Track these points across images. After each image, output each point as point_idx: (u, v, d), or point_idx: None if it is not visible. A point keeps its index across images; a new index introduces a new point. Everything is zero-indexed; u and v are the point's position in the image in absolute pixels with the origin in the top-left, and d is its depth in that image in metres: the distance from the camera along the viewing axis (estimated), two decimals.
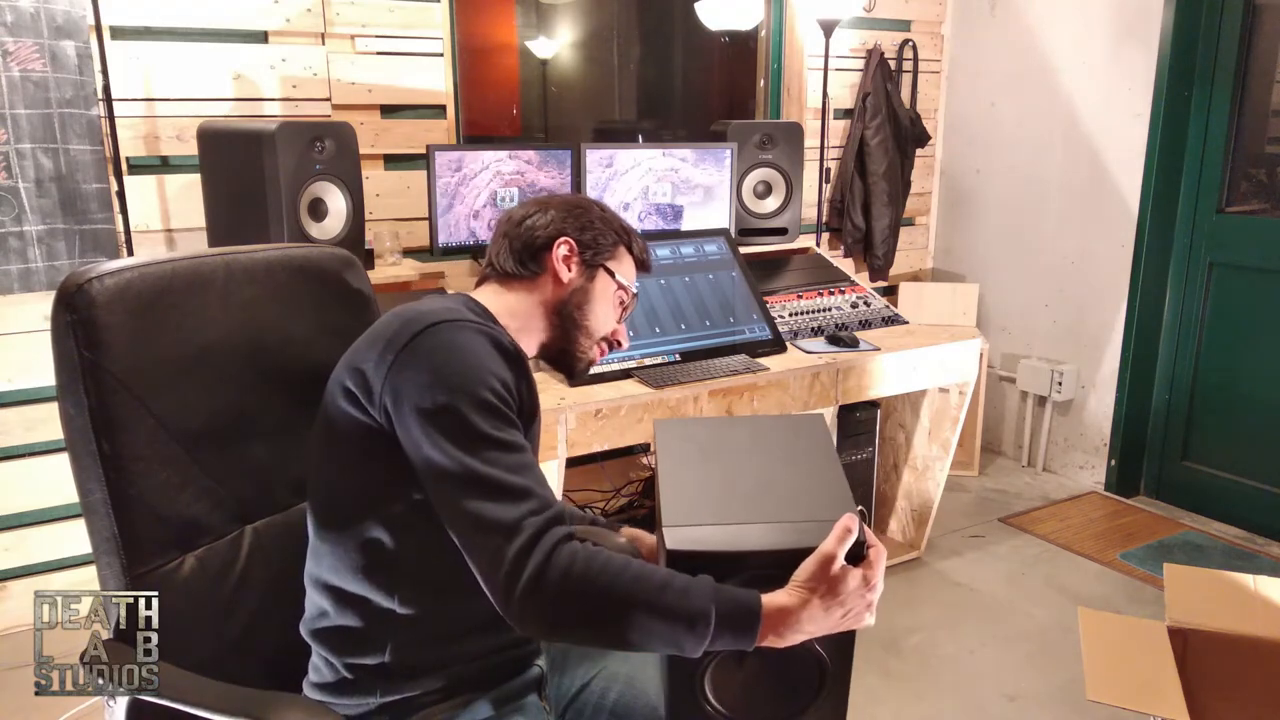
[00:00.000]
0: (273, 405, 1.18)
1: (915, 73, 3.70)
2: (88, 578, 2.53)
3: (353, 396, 1.05)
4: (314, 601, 1.13)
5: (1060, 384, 3.51)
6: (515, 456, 1.00)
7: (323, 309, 1.28)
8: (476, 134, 3.17)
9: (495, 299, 1.23)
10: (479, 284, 1.27)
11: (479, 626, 1.12)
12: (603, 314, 1.27)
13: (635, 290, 1.31)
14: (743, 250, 2.71)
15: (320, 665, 1.13)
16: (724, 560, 0.98)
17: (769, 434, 1.21)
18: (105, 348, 1.05)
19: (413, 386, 1.00)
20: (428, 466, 0.99)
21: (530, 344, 1.24)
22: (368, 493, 1.07)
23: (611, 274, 1.27)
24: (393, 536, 1.07)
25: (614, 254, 1.29)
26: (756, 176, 2.93)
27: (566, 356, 1.27)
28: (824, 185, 3.50)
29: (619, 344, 1.31)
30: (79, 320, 1.03)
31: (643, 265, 1.33)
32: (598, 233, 1.27)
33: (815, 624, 0.96)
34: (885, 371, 2.49)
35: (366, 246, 2.47)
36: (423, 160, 2.47)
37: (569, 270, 1.24)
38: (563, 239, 1.24)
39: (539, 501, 0.98)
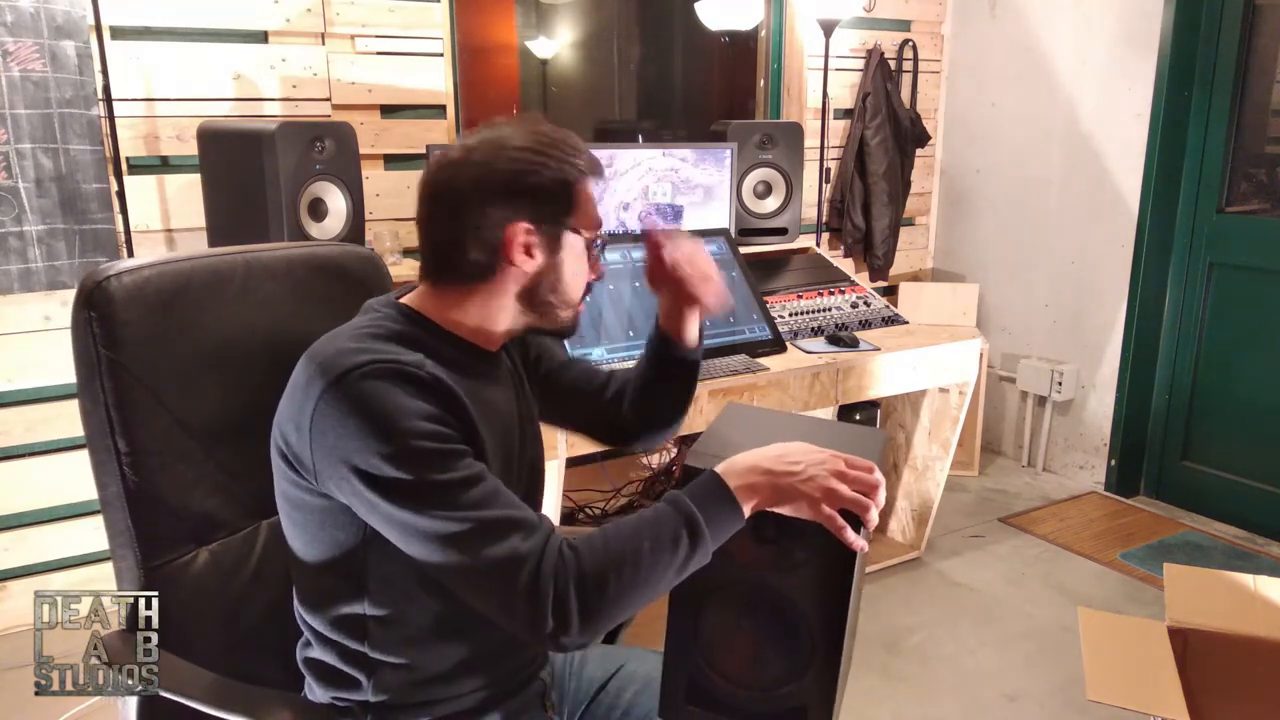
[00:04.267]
0: None
1: (915, 73, 3.70)
2: (88, 578, 2.54)
3: (288, 461, 1.00)
4: (302, 627, 1.12)
5: (1060, 384, 3.51)
6: (478, 489, 0.94)
7: (343, 307, 1.28)
8: None
9: (432, 302, 1.07)
10: (421, 279, 1.10)
11: (467, 667, 1.09)
12: (576, 276, 1.09)
13: (598, 219, 1.10)
14: (743, 250, 2.71)
15: (314, 688, 1.11)
16: None
17: (827, 436, 1.20)
18: (123, 345, 1.06)
19: (339, 455, 0.93)
20: (394, 533, 0.94)
21: (494, 333, 1.09)
22: (321, 553, 1.03)
23: (579, 231, 1.07)
24: (360, 602, 1.04)
25: (579, 198, 1.06)
26: (756, 176, 2.93)
27: (550, 329, 1.12)
28: (824, 185, 3.50)
29: (600, 279, 1.13)
30: (97, 317, 1.04)
31: (591, 161, 1.08)
32: (554, 191, 1.04)
33: (769, 465, 0.99)
34: (885, 371, 2.48)
35: (366, 246, 2.47)
36: (423, 160, 2.48)
37: (533, 258, 1.05)
38: (513, 227, 1.03)
39: (523, 528, 0.93)
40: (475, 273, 1.05)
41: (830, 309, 2.72)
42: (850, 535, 0.98)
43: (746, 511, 0.98)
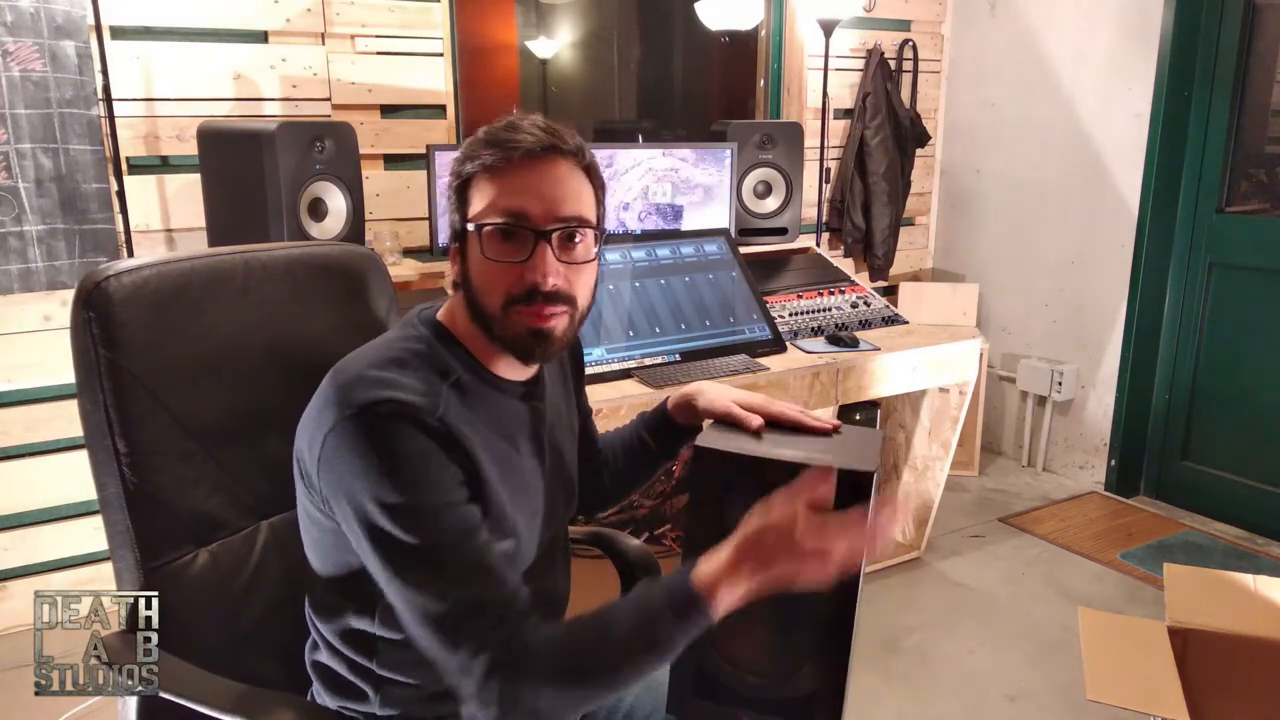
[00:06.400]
0: (291, 402, 1.17)
1: (915, 73, 3.70)
2: (88, 577, 2.54)
3: (304, 478, 1.00)
4: (311, 630, 1.11)
5: (1060, 384, 3.51)
6: (464, 558, 0.91)
7: (343, 307, 1.28)
8: None
9: (462, 321, 1.04)
10: None
11: None
12: (483, 276, 0.99)
13: (509, 208, 0.97)
14: (743, 250, 2.71)
15: (321, 693, 1.11)
16: (744, 465, 1.01)
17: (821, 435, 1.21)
18: (122, 345, 1.06)
19: (343, 488, 0.92)
20: (373, 573, 0.94)
21: (492, 355, 1.04)
22: (336, 569, 1.03)
23: (470, 225, 0.99)
24: (369, 621, 1.03)
25: (472, 195, 1.00)
26: (756, 176, 2.93)
27: (506, 346, 1.01)
28: (824, 185, 3.50)
29: (537, 284, 0.97)
30: (96, 317, 1.04)
31: (497, 144, 0.97)
32: (457, 189, 1.02)
33: (756, 567, 0.87)
34: (885, 371, 2.48)
35: (366, 246, 2.47)
36: (423, 160, 2.47)
37: (456, 264, 1.03)
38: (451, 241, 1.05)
39: (491, 616, 0.90)
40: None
41: (830, 309, 2.72)
42: (876, 537, 0.88)
43: (720, 615, 0.90)
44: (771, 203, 2.96)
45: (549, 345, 1.00)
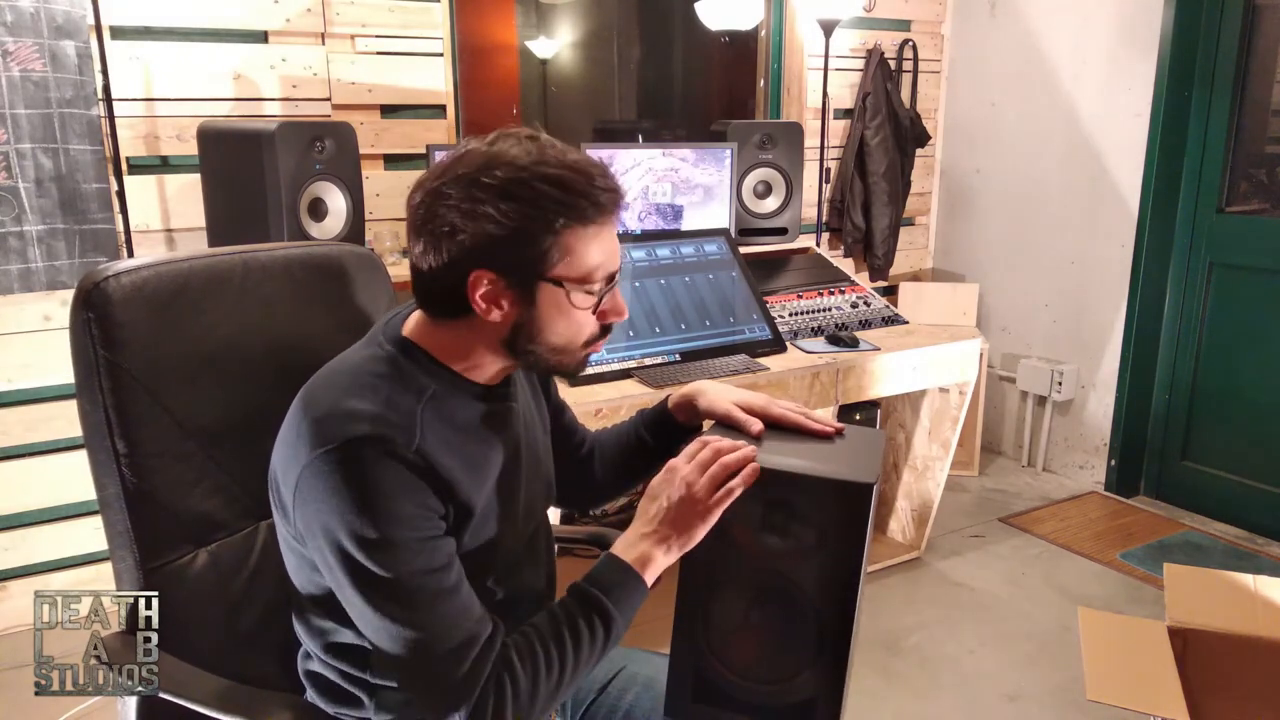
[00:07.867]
0: (289, 403, 1.18)
1: (915, 73, 3.70)
2: (88, 578, 2.54)
3: (280, 509, 0.99)
4: (302, 640, 1.11)
5: (1060, 384, 3.51)
6: (441, 595, 0.92)
7: (341, 307, 1.28)
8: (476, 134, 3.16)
9: (431, 335, 1.01)
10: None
11: None
12: (569, 326, 0.99)
13: (610, 272, 0.99)
14: (743, 250, 2.71)
15: (317, 699, 1.10)
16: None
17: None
18: (121, 345, 1.06)
19: (319, 522, 0.91)
20: (350, 610, 0.95)
21: (486, 371, 1.04)
22: (317, 590, 1.02)
23: (561, 283, 0.95)
24: (356, 634, 1.01)
25: (559, 248, 0.94)
26: (756, 176, 2.93)
27: (548, 373, 1.09)
28: (824, 185, 3.50)
29: (617, 322, 1.04)
30: (96, 318, 1.04)
31: (603, 207, 0.96)
32: (524, 235, 0.92)
33: (651, 526, 1.00)
34: (885, 371, 2.48)
35: (366, 246, 2.47)
36: (423, 160, 2.48)
37: (500, 308, 0.96)
38: (476, 274, 0.93)
39: (471, 647, 0.92)
40: (447, 311, 0.99)
41: (830, 309, 2.72)
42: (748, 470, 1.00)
43: (650, 579, 1.01)
44: (771, 203, 2.96)
45: (583, 370, 1.08)
